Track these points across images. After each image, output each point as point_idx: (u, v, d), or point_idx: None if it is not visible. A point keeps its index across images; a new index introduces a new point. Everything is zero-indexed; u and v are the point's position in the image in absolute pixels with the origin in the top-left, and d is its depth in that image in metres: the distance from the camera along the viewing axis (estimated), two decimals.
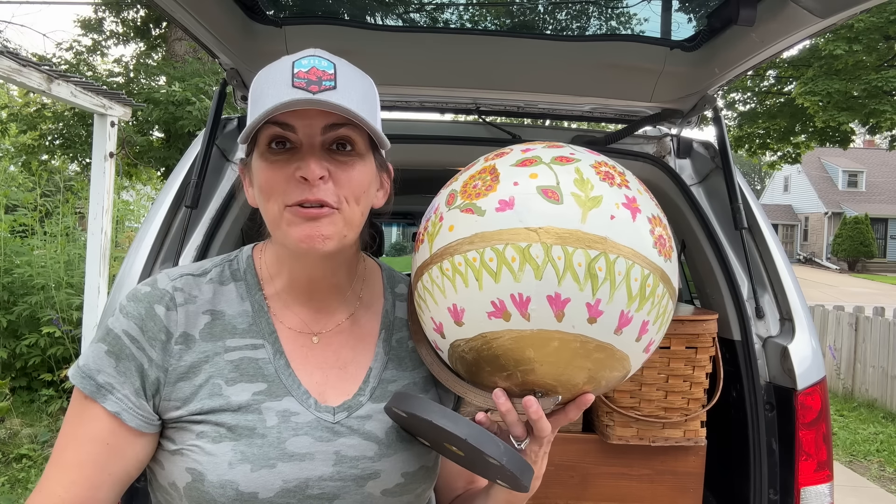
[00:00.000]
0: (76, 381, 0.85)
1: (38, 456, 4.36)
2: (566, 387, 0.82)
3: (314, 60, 0.81)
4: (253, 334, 0.89)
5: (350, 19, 1.81)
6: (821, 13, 1.30)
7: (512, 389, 0.83)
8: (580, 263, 0.76)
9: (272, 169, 0.82)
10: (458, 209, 0.82)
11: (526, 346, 0.79)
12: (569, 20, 1.89)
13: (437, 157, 2.03)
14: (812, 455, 1.65)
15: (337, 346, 0.93)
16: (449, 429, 0.77)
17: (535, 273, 0.76)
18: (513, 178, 0.81)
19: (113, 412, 0.83)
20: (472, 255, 0.79)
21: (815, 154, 33.24)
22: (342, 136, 0.82)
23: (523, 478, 0.79)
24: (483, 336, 0.80)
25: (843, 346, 7.08)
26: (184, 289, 0.89)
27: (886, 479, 4.96)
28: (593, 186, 0.79)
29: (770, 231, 1.88)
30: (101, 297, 4.65)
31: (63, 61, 9.87)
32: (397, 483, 0.87)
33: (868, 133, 14.75)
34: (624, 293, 0.77)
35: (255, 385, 0.86)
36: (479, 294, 0.78)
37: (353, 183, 0.84)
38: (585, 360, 0.80)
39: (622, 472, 1.87)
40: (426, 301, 0.86)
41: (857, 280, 25.64)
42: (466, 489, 1.05)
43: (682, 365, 1.79)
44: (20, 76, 4.07)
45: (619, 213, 0.79)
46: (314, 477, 0.83)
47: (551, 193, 0.78)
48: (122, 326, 0.85)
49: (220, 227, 1.82)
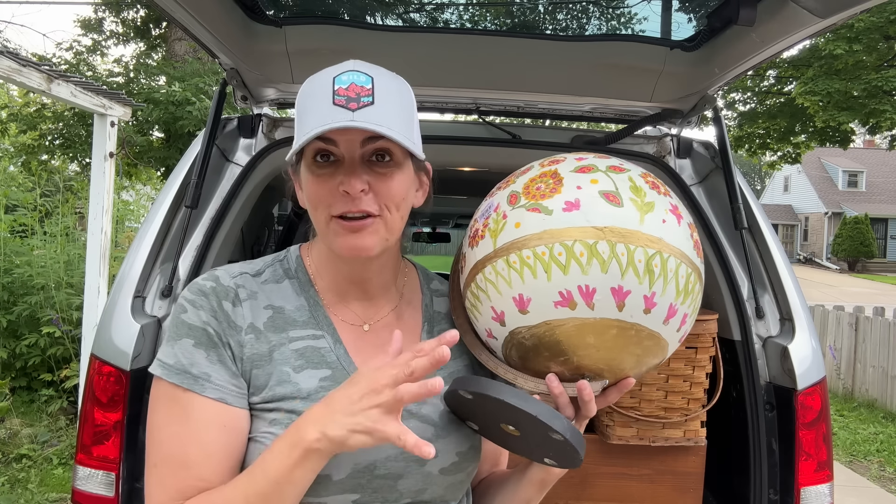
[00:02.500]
0: (169, 378, 0.87)
1: (37, 456, 4.36)
2: (614, 371, 0.92)
3: (353, 76, 0.88)
4: (312, 326, 0.95)
5: (350, 19, 1.81)
6: (821, 13, 1.30)
7: (563, 374, 0.92)
8: (640, 260, 0.86)
9: (318, 182, 0.90)
10: (524, 208, 0.92)
11: (587, 332, 0.88)
12: (569, 20, 1.89)
13: (437, 158, 2.02)
14: (812, 455, 1.65)
15: (385, 338, 0.98)
16: (521, 406, 0.84)
17: (601, 267, 0.86)
18: (575, 183, 0.91)
19: (216, 398, 0.87)
20: (541, 249, 0.88)
21: (815, 154, 33.24)
22: (380, 149, 0.90)
23: (581, 451, 0.88)
24: (547, 323, 0.89)
25: (843, 346, 7.08)
26: (245, 286, 0.95)
27: (886, 479, 4.96)
28: (646, 193, 0.90)
29: (770, 231, 1.88)
30: (101, 297, 4.65)
31: (63, 61, 9.86)
32: (452, 462, 0.94)
33: (868, 133, 14.75)
34: (673, 288, 0.88)
35: (320, 371, 0.92)
36: (547, 285, 0.87)
37: (393, 192, 0.91)
38: (637, 347, 0.90)
39: (622, 472, 1.87)
40: (487, 292, 0.94)
41: (857, 280, 25.65)
42: (491, 472, 1.13)
43: (682, 365, 1.79)
44: (20, 76, 4.07)
45: (668, 217, 0.90)
46: (381, 458, 0.89)
47: (612, 197, 0.89)
48: (202, 318, 0.90)
49: (220, 227, 1.82)
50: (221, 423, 0.87)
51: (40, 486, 4.00)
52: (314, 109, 0.87)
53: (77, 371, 4.85)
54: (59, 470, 4.21)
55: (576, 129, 2.34)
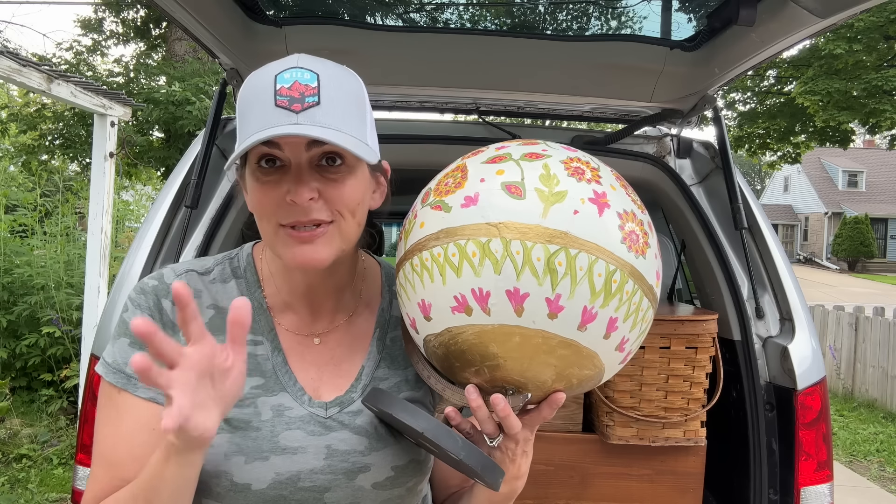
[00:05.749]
0: (107, 377, 0.87)
1: (37, 456, 4.36)
2: (535, 384, 0.82)
3: (297, 74, 0.80)
4: (253, 331, 0.90)
5: (350, 19, 1.81)
6: (821, 13, 1.30)
7: (484, 386, 0.83)
8: (539, 258, 0.75)
9: (263, 191, 0.83)
10: (430, 206, 0.84)
11: (489, 340, 0.79)
12: (569, 20, 1.89)
13: (437, 158, 2.01)
14: (812, 455, 1.65)
15: (333, 344, 0.94)
16: (408, 422, 0.78)
17: (493, 268, 0.76)
18: (480, 175, 0.82)
19: (147, 398, 0.85)
20: (437, 250, 0.80)
21: (815, 154, 33.23)
22: (329, 152, 0.82)
23: (485, 474, 0.79)
24: (449, 331, 0.81)
25: (843, 346, 7.08)
26: (189, 284, 0.90)
27: (886, 479, 4.96)
28: (559, 182, 0.79)
29: (770, 231, 1.88)
30: (101, 297, 4.65)
31: (63, 61, 9.87)
32: (387, 476, 0.89)
33: (868, 133, 14.76)
34: (586, 288, 0.76)
35: (252, 379, 0.88)
36: (443, 289, 0.79)
37: (346, 198, 0.84)
38: (549, 357, 0.79)
39: (622, 472, 1.87)
40: (401, 297, 0.88)
41: (857, 280, 25.64)
42: (461, 486, 1.05)
43: (682, 365, 1.79)
44: (20, 76, 4.07)
45: (584, 208, 0.78)
46: (306, 470, 0.85)
47: (514, 189, 0.79)
48: (138, 317, 0.87)
49: (220, 227, 1.82)
50: (151, 426, 0.84)
51: (40, 486, 4.00)
52: (255, 111, 0.81)
53: (77, 371, 4.85)
54: (59, 470, 4.21)
55: (576, 129, 2.34)
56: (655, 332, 1.75)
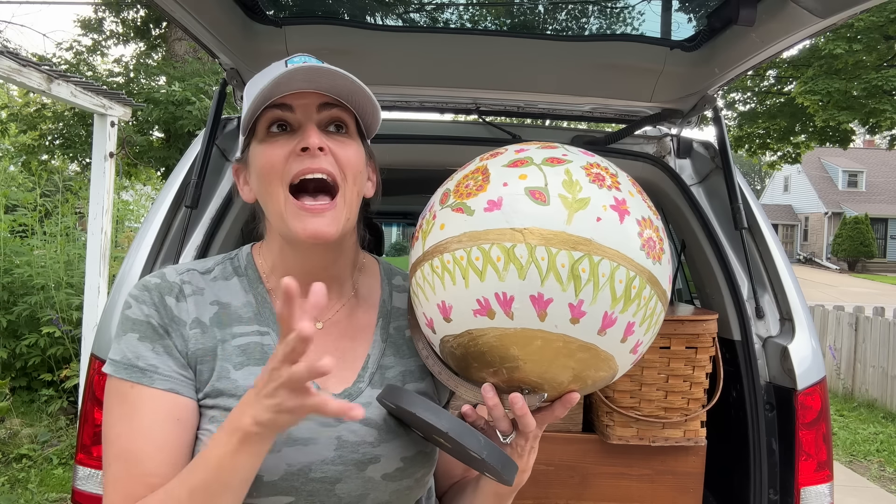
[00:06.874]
0: (118, 374, 0.86)
1: (37, 456, 4.36)
2: (551, 384, 0.84)
3: (306, 58, 0.89)
4: (258, 322, 0.92)
5: (350, 19, 1.81)
6: (821, 13, 1.30)
7: (500, 385, 0.85)
8: (563, 264, 0.77)
9: (273, 147, 0.88)
10: (450, 208, 0.85)
11: (510, 343, 0.80)
12: (569, 20, 1.89)
13: (437, 157, 2.03)
14: (812, 455, 1.65)
15: (336, 335, 0.96)
16: (431, 422, 0.79)
17: (518, 273, 0.77)
18: (503, 179, 0.83)
19: (166, 389, 0.85)
20: (459, 253, 0.81)
21: (815, 154, 33.23)
22: (336, 117, 0.89)
23: (504, 472, 0.81)
24: (469, 333, 0.82)
25: (843, 346, 7.08)
26: (191, 282, 0.93)
27: (886, 479, 4.96)
28: (581, 188, 0.80)
29: (770, 231, 1.88)
30: (101, 297, 4.65)
31: (63, 61, 9.86)
32: (397, 468, 0.90)
33: (868, 133, 14.75)
34: (608, 294, 0.78)
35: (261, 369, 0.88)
36: (465, 292, 0.81)
37: (351, 160, 0.89)
38: (569, 360, 0.81)
39: (622, 472, 1.87)
40: (418, 297, 0.89)
41: (857, 280, 25.64)
42: (464, 476, 1.08)
43: (682, 365, 1.79)
44: (20, 76, 4.07)
45: (605, 215, 0.79)
46: (317, 461, 0.86)
47: (538, 195, 0.80)
48: (145, 312, 0.88)
49: (220, 227, 1.82)
50: (174, 417, 0.84)
51: (40, 486, 4.00)
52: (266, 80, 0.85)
53: (77, 371, 4.85)
54: (59, 470, 4.21)
55: (576, 129, 2.34)
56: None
